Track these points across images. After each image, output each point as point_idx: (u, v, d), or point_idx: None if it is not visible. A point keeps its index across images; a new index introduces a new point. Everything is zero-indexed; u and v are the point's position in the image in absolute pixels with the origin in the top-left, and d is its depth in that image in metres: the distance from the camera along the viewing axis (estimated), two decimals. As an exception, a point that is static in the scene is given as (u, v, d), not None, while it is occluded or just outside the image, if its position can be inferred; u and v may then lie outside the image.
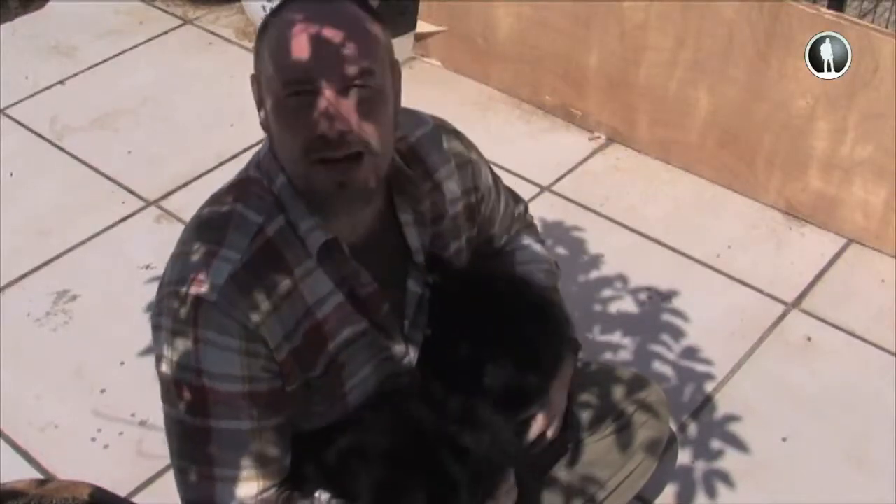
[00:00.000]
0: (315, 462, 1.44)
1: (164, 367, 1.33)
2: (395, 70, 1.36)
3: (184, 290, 1.29)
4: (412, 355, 1.47)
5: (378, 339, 1.42)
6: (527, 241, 1.71)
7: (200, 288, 1.28)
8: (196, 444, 1.33)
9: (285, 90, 1.26)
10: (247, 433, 1.32)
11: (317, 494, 1.39)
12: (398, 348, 1.45)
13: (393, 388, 1.48)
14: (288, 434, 1.39)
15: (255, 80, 1.35)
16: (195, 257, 1.31)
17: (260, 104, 1.35)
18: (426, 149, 1.49)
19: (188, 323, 1.29)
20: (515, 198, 1.74)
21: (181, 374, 1.31)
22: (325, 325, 1.36)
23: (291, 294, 1.33)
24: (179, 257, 1.34)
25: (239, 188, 1.38)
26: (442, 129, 1.55)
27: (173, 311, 1.30)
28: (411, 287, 1.46)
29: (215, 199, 1.39)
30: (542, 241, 1.75)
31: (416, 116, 1.54)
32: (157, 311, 1.34)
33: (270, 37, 1.29)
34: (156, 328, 1.34)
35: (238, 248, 1.31)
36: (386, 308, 1.41)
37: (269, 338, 1.31)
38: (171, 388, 1.33)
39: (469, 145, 1.58)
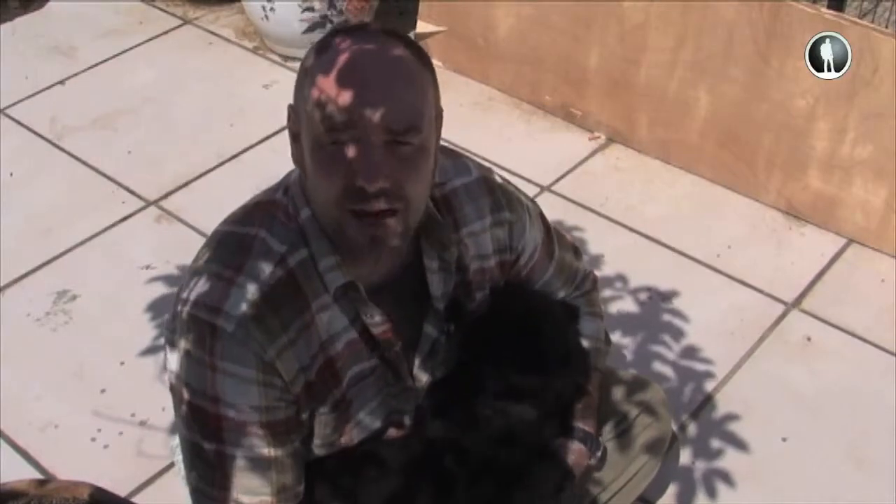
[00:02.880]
0: (327, 485, 1.45)
1: (179, 388, 1.32)
2: (438, 121, 1.32)
3: (201, 315, 1.28)
4: (419, 392, 1.46)
5: (386, 375, 1.41)
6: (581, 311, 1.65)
7: (218, 317, 1.27)
8: (212, 468, 1.33)
9: (328, 135, 1.21)
10: (262, 460, 1.32)
11: None
12: (405, 385, 1.44)
13: (398, 421, 1.46)
14: (301, 459, 1.38)
15: (294, 111, 1.30)
16: (215, 281, 1.29)
17: (295, 138, 1.30)
18: (461, 200, 1.44)
19: (204, 350, 1.27)
20: (576, 267, 1.66)
21: (197, 400, 1.30)
22: (338, 362, 1.35)
23: (308, 328, 1.31)
24: (198, 275, 1.31)
25: (265, 211, 1.34)
26: (485, 182, 1.48)
27: (190, 335, 1.29)
28: (427, 330, 1.43)
29: (241, 218, 1.36)
30: (595, 313, 1.68)
31: (462, 164, 1.49)
32: (172, 328, 1.32)
33: (316, 72, 1.23)
34: (171, 345, 1.33)
35: (258, 277, 1.28)
36: (398, 347, 1.39)
37: (284, 371, 1.30)
38: (187, 411, 1.32)
39: (514, 203, 1.50)
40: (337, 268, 1.31)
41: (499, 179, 1.52)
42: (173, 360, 1.32)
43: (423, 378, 1.45)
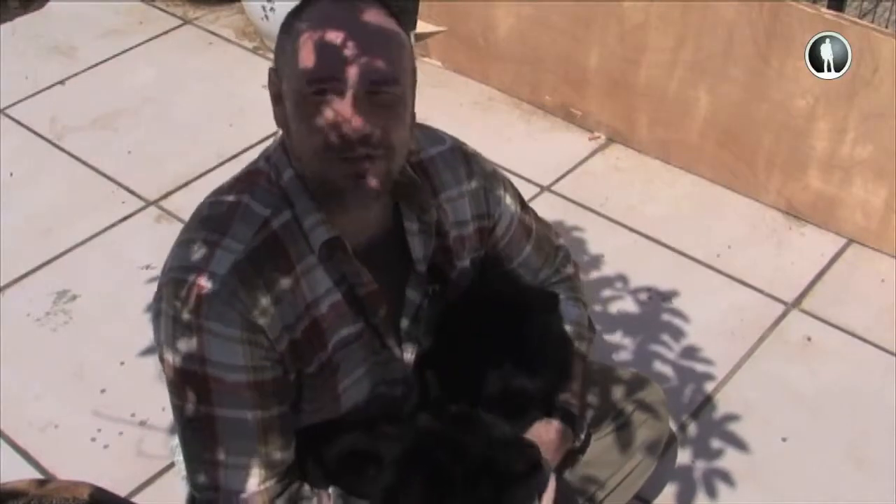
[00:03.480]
0: (316, 459, 1.45)
1: (167, 355, 1.33)
2: (413, 76, 1.37)
3: (186, 278, 1.30)
4: (406, 361, 1.48)
5: (373, 341, 1.43)
6: (561, 297, 1.66)
7: (202, 277, 1.29)
8: (202, 432, 1.34)
9: (310, 87, 1.27)
10: (251, 422, 1.33)
11: (329, 490, 1.39)
12: (393, 353, 1.46)
13: (387, 393, 1.47)
14: (290, 425, 1.39)
15: (275, 73, 1.35)
16: (198, 246, 1.32)
17: (277, 99, 1.35)
18: (437, 167, 1.49)
19: (190, 312, 1.29)
20: (555, 244, 1.69)
21: (185, 363, 1.31)
22: (323, 323, 1.37)
23: (293, 289, 1.33)
24: (182, 245, 1.34)
25: (246, 180, 1.39)
26: (459, 150, 1.54)
27: (175, 299, 1.30)
28: (409, 295, 1.46)
29: (221, 190, 1.40)
30: (579, 299, 1.69)
31: (434, 134, 1.54)
32: (158, 296, 1.34)
33: (297, 33, 1.29)
34: (157, 314, 1.34)
35: (242, 238, 1.31)
36: (384, 311, 1.41)
37: (269, 329, 1.31)
38: (175, 376, 1.33)
39: (487, 172, 1.57)
40: (322, 224, 1.33)
41: (471, 150, 1.57)
42: (160, 324, 1.34)
43: (409, 347, 1.47)
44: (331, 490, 1.40)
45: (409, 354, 1.48)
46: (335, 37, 1.26)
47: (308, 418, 1.43)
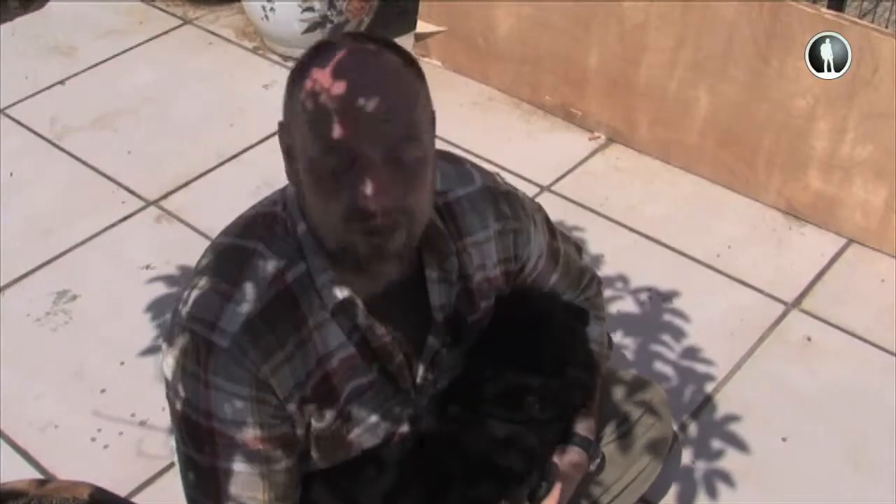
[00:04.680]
0: (326, 486, 1.45)
1: (174, 399, 1.32)
2: (433, 124, 1.28)
3: (196, 329, 1.27)
4: (420, 406, 1.45)
5: (386, 388, 1.39)
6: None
7: (213, 333, 1.26)
8: (206, 480, 1.33)
9: (323, 153, 1.18)
10: (257, 475, 1.32)
11: None
12: (408, 397, 1.43)
13: (396, 430, 1.45)
14: (297, 475, 1.38)
15: (284, 128, 1.27)
16: (211, 294, 1.28)
17: (288, 154, 1.27)
18: (464, 209, 1.42)
19: (199, 365, 1.27)
20: (580, 266, 1.65)
21: (191, 413, 1.29)
22: (335, 378, 1.34)
23: (305, 344, 1.30)
24: (196, 289, 1.30)
25: (265, 225, 1.32)
26: (488, 192, 1.45)
27: (185, 349, 1.28)
28: (430, 343, 1.41)
29: (241, 230, 1.34)
30: (599, 317, 1.67)
31: (465, 172, 1.46)
32: (169, 340, 1.31)
33: (306, 89, 1.18)
34: (166, 355, 1.32)
35: (255, 292, 1.27)
36: (399, 359, 1.38)
37: (278, 388, 1.29)
38: (181, 423, 1.32)
39: (519, 212, 1.47)
40: (334, 284, 1.29)
41: (503, 186, 1.49)
42: (168, 370, 1.31)
43: (424, 390, 1.44)
44: None
45: (423, 398, 1.45)
46: (350, 98, 1.15)
47: (321, 464, 1.42)
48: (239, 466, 1.30)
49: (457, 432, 1.46)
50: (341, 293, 1.29)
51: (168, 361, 1.31)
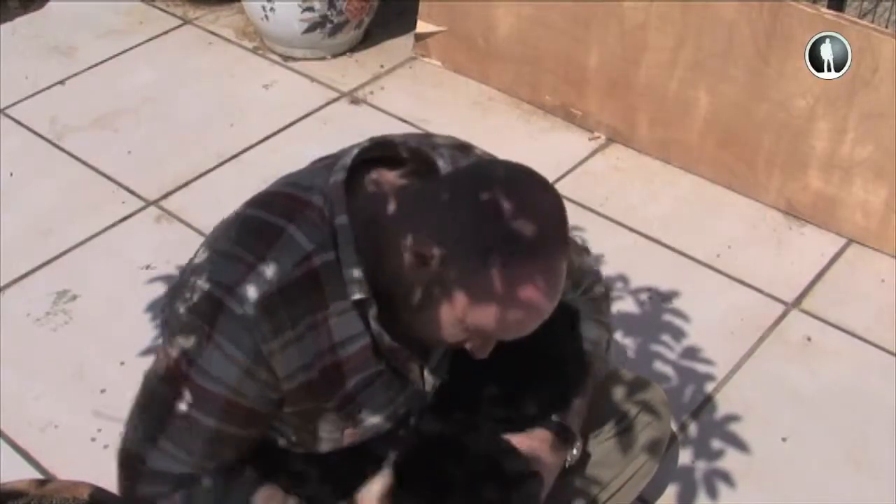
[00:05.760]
0: (314, 459, 1.45)
1: (166, 346, 1.34)
2: None
3: (213, 291, 1.28)
4: (428, 395, 1.46)
5: (393, 382, 1.41)
6: (581, 314, 1.65)
7: (229, 296, 1.27)
8: (157, 410, 1.34)
9: (492, 333, 1.30)
10: (207, 428, 1.32)
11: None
12: (415, 389, 1.44)
13: (403, 425, 1.47)
14: (245, 450, 1.38)
15: (443, 251, 1.24)
16: (235, 262, 1.29)
17: (429, 268, 1.25)
18: None
19: (204, 318, 1.28)
20: (583, 269, 1.67)
21: (174, 352, 1.31)
22: (346, 366, 1.34)
23: (318, 327, 1.31)
24: (217, 256, 1.32)
25: (296, 207, 1.32)
26: None
27: (194, 303, 1.29)
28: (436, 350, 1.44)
29: (269, 204, 1.35)
30: (601, 322, 1.67)
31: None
32: (176, 293, 1.33)
33: (523, 296, 1.24)
34: (171, 307, 1.33)
35: (279, 269, 1.28)
36: (407, 353, 1.39)
37: (278, 367, 1.29)
38: (161, 354, 1.34)
39: None
40: (359, 282, 1.30)
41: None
42: (168, 316, 1.33)
43: (431, 382, 1.46)
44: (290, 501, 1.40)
45: (429, 391, 1.46)
46: (537, 314, 1.28)
47: (325, 446, 1.42)
48: (194, 413, 1.31)
49: (458, 435, 1.46)
50: (362, 293, 1.30)
51: (173, 308, 1.32)
